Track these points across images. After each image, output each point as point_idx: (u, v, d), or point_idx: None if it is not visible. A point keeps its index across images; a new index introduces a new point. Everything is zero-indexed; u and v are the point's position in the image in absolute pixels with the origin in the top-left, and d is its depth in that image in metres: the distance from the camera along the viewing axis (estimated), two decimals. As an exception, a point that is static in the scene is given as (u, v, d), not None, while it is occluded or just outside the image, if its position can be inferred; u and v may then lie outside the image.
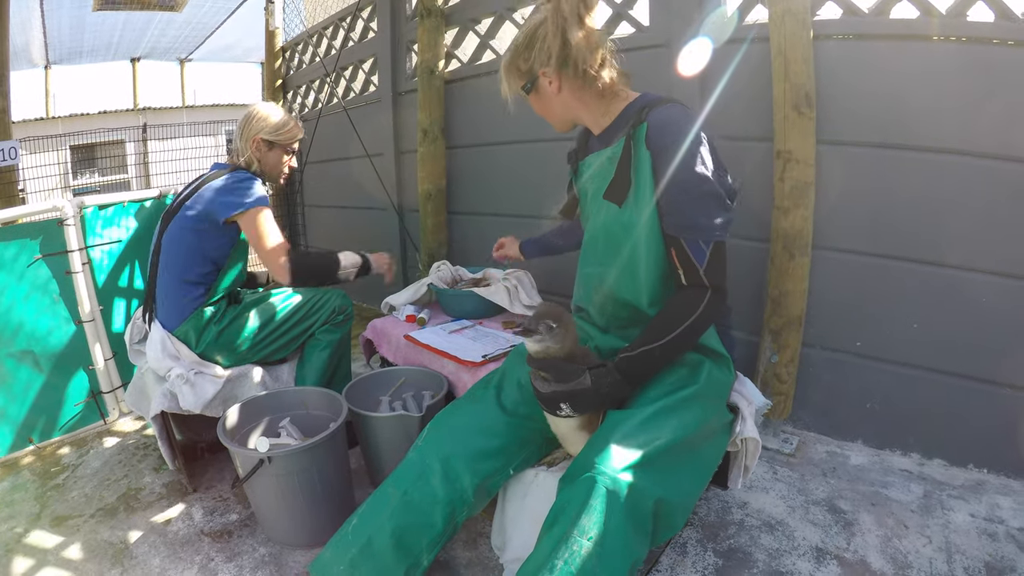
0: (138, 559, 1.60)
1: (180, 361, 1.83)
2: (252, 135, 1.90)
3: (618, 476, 1.07)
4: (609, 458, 1.09)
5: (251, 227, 1.82)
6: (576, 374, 1.18)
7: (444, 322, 2.14)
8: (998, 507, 1.68)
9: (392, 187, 3.29)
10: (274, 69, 4.48)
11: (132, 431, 2.30)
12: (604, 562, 1.03)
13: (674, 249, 1.23)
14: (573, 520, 1.05)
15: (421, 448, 1.33)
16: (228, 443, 1.55)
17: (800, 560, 1.54)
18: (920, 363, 1.88)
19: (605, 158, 1.36)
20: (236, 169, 1.87)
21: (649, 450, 1.12)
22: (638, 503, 1.08)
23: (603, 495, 1.05)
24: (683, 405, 1.22)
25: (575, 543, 1.03)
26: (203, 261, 1.83)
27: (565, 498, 1.10)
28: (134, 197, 2.32)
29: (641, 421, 1.16)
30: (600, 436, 1.17)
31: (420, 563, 1.26)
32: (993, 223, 1.72)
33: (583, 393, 1.18)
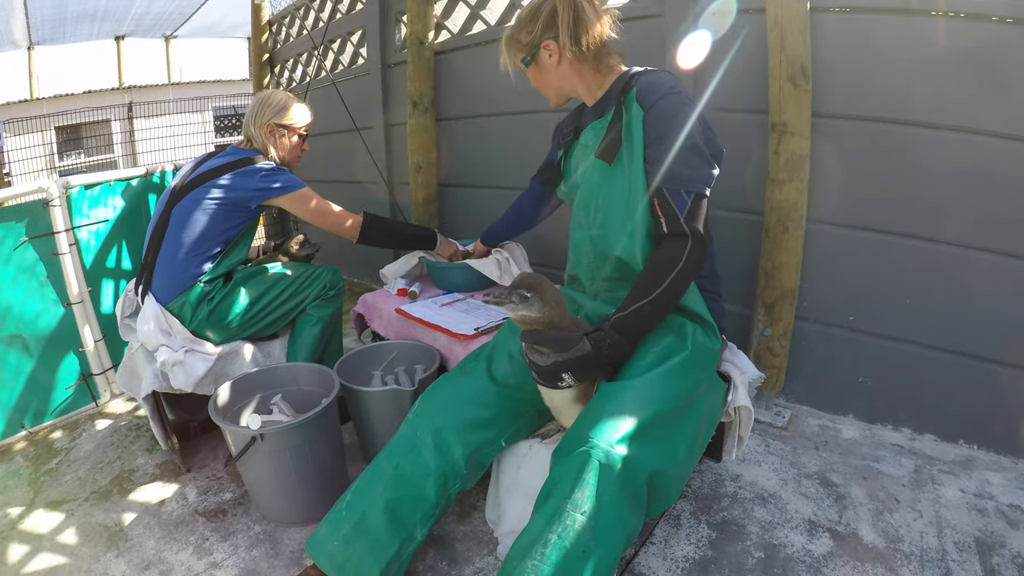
0: (133, 541, 1.57)
1: (172, 338, 1.77)
2: (265, 121, 1.88)
3: (612, 449, 1.04)
4: (602, 431, 1.06)
5: (305, 207, 1.89)
6: (574, 341, 1.14)
7: (435, 295, 2.08)
8: (988, 483, 1.67)
9: (381, 160, 3.21)
10: (260, 43, 4.35)
11: (124, 412, 2.25)
12: (598, 535, 1.00)
13: (656, 199, 1.24)
14: (567, 494, 1.02)
15: (412, 421, 1.30)
16: (220, 421, 1.50)
17: (793, 533, 1.52)
18: (912, 338, 1.86)
19: (600, 128, 1.39)
20: (256, 155, 1.86)
21: (642, 421, 1.08)
22: (632, 475, 1.05)
23: (596, 468, 1.02)
24: (674, 373, 1.18)
25: (569, 517, 1.00)
26: (215, 239, 1.80)
27: (558, 472, 1.07)
28: (120, 176, 2.24)
29: (633, 392, 1.13)
30: (592, 408, 1.13)
31: (414, 537, 1.23)
32: (988, 201, 1.69)
33: (584, 359, 1.14)
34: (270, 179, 1.81)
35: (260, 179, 1.79)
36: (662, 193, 1.23)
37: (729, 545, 1.49)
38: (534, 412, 1.37)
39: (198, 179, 1.80)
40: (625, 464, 1.03)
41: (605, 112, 1.39)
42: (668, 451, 1.12)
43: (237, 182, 1.78)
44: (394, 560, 1.22)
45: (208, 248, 1.79)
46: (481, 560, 1.46)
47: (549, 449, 1.36)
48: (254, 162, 1.83)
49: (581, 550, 0.98)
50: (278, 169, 1.84)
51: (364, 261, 3.54)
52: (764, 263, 1.96)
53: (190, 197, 1.78)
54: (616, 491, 1.02)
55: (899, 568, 1.40)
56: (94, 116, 10.69)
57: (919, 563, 1.41)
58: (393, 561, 1.21)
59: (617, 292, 1.39)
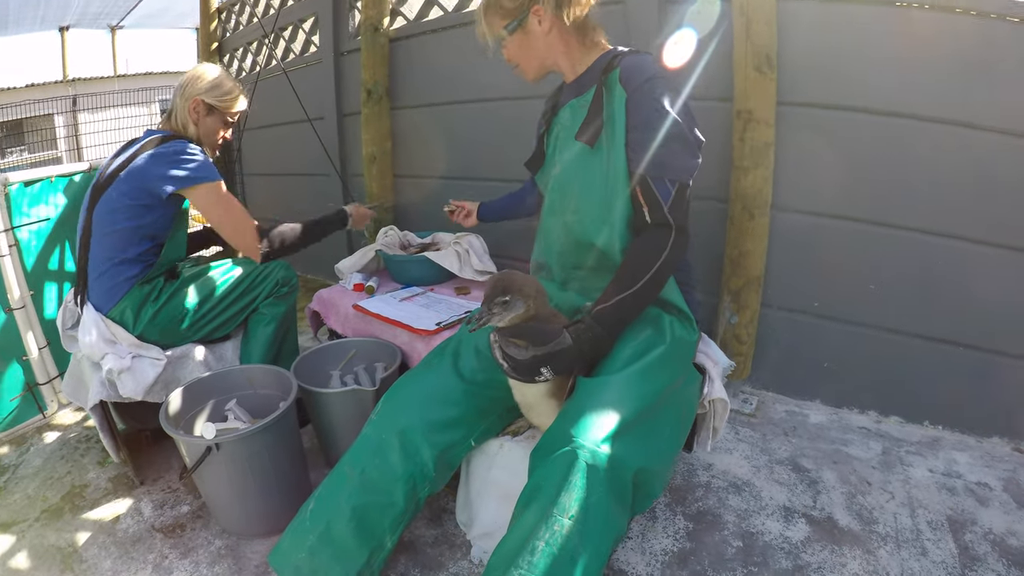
0: (88, 563, 1.43)
1: (117, 346, 1.61)
2: (193, 94, 1.68)
3: (598, 449, 0.97)
4: (586, 429, 0.98)
5: (207, 204, 1.62)
6: (554, 334, 1.06)
7: (394, 290, 1.98)
8: (955, 462, 1.68)
9: (334, 151, 3.06)
10: (209, 32, 4.11)
11: (73, 423, 2.06)
12: (587, 539, 0.92)
13: (639, 188, 1.17)
14: (552, 498, 0.94)
15: (376, 422, 1.20)
16: (172, 432, 1.36)
17: (769, 520, 1.49)
18: (877, 323, 1.85)
19: (578, 107, 1.30)
20: (171, 135, 1.64)
21: (625, 418, 1.01)
22: (619, 475, 0.98)
23: (583, 470, 0.95)
24: (654, 367, 1.11)
25: (556, 523, 0.92)
26: (140, 239, 1.61)
27: (542, 474, 0.99)
28: (62, 172, 2.04)
29: (614, 387, 1.06)
30: (573, 406, 1.05)
31: (384, 545, 1.14)
32: (950, 188, 1.69)
33: (565, 353, 1.06)
34: (181, 164, 1.57)
35: (169, 163, 1.56)
36: (646, 182, 1.16)
37: (707, 535, 1.45)
38: (503, 409, 1.29)
39: (113, 174, 1.60)
40: (611, 464, 0.97)
41: (585, 90, 1.30)
42: (652, 448, 1.06)
43: (146, 169, 1.57)
44: (364, 570, 1.12)
45: (135, 248, 1.61)
46: (455, 565, 1.37)
47: (521, 447, 1.28)
48: (167, 142, 1.61)
49: (569, 556, 0.91)
50: (192, 152, 1.60)
51: (317, 256, 3.38)
52: (730, 251, 1.92)
53: (106, 196, 1.59)
54: (604, 492, 0.95)
55: (876, 550, 1.39)
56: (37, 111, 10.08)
57: (895, 543, 1.41)
58: (363, 571, 1.12)
59: (590, 282, 1.32)
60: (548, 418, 1.18)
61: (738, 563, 1.37)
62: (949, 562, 1.34)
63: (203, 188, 1.60)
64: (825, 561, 1.36)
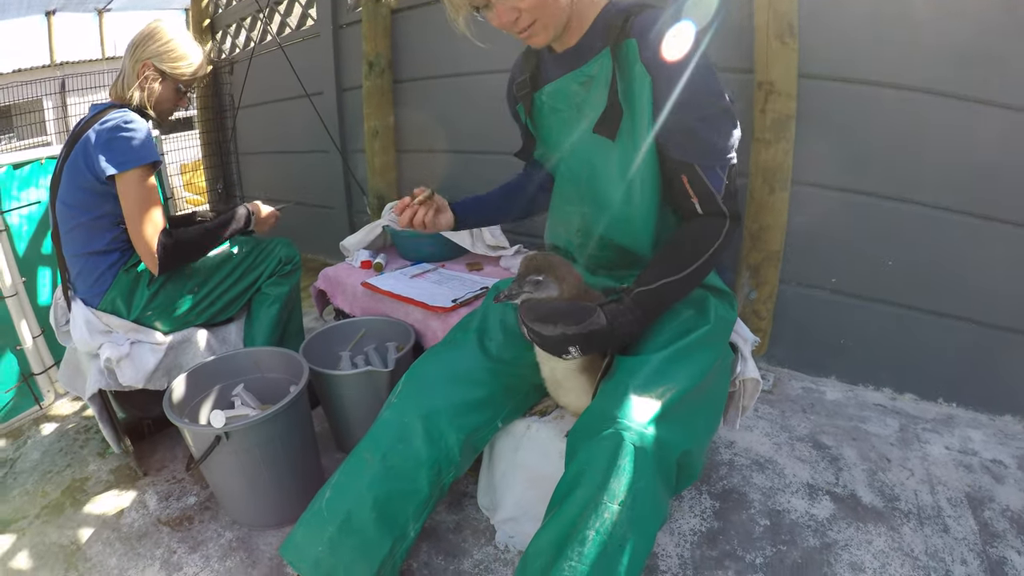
0: (93, 561, 1.33)
1: (113, 334, 1.49)
2: (143, 57, 1.46)
3: (644, 430, 0.88)
4: (631, 410, 0.90)
5: (126, 190, 1.38)
6: (587, 313, 0.97)
7: (403, 267, 1.88)
8: (970, 440, 1.63)
9: (334, 127, 2.93)
10: (201, 8, 3.91)
11: (71, 413, 1.94)
12: (636, 526, 0.85)
13: (686, 176, 1.02)
14: (600, 484, 0.86)
15: (397, 405, 1.10)
16: (178, 421, 1.26)
17: (794, 498, 1.44)
18: (893, 300, 1.79)
19: (577, 83, 1.11)
20: (113, 105, 1.45)
21: (669, 399, 0.93)
22: (665, 457, 0.90)
23: (631, 453, 0.87)
24: (695, 348, 1.03)
25: (605, 509, 0.84)
26: (108, 226, 1.45)
27: (585, 458, 0.90)
28: (52, 154, 1.90)
29: (656, 368, 0.97)
30: (615, 386, 0.96)
31: (407, 534, 1.05)
32: (968, 165, 1.61)
33: (597, 334, 0.96)
34: (115, 142, 1.36)
35: (104, 142, 1.36)
36: (693, 170, 1.02)
37: (734, 514, 1.39)
38: (529, 388, 1.20)
39: (62, 164, 1.45)
40: (659, 446, 0.89)
41: (584, 60, 1.08)
42: (694, 429, 0.98)
43: (85, 152, 1.38)
44: (387, 561, 1.03)
45: (103, 239, 1.46)
46: (480, 551, 1.30)
47: (549, 428, 1.20)
48: (106, 115, 1.39)
49: (619, 544, 0.84)
50: (129, 126, 1.37)
51: (317, 234, 3.27)
52: (750, 225, 1.84)
53: (60, 190, 1.45)
54: (652, 476, 0.88)
55: (900, 527, 1.35)
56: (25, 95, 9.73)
57: (917, 521, 1.36)
58: (386, 562, 1.03)
59: (618, 272, 1.21)
60: (577, 396, 1.10)
61: (767, 541, 1.31)
62: (971, 539, 1.30)
63: (131, 174, 1.37)
64: (852, 538, 1.32)
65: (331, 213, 3.18)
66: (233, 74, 3.66)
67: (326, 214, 3.22)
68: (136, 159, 1.36)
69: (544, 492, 1.07)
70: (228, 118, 3.80)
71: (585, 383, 1.08)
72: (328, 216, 3.20)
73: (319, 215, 3.27)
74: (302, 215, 3.38)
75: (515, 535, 1.27)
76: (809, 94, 1.74)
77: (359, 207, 3.03)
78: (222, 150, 4.00)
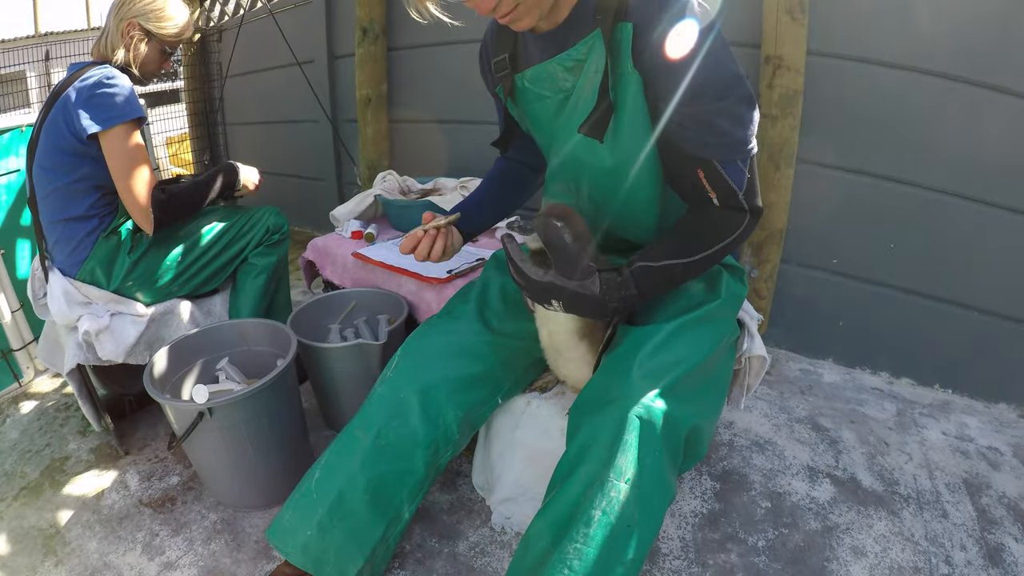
0: (72, 545, 1.24)
1: (92, 305, 1.39)
2: (128, 16, 1.37)
3: (652, 404, 0.82)
4: (637, 382, 0.83)
5: (112, 148, 1.29)
6: (585, 272, 0.87)
7: (395, 237, 1.78)
8: (966, 426, 1.60)
9: (325, 96, 2.79)
10: (184, -28, 3.74)
11: (51, 391, 1.83)
12: (643, 505, 0.79)
13: (702, 172, 0.88)
14: (605, 460, 0.79)
15: (392, 380, 1.01)
16: (159, 397, 1.16)
17: (795, 480, 1.39)
18: (894, 283, 1.74)
19: (563, 68, 0.95)
20: (95, 62, 1.35)
21: (677, 373, 0.86)
22: (673, 433, 0.84)
23: (637, 428, 0.80)
24: (705, 321, 0.96)
25: (612, 488, 0.77)
26: (85, 193, 1.35)
27: (589, 434, 0.83)
28: (32, 120, 1.71)
29: (664, 339, 0.90)
30: (620, 357, 0.89)
31: (401, 516, 0.98)
32: (973, 150, 1.55)
33: (584, 300, 0.87)
34: (97, 98, 1.27)
35: (85, 98, 1.26)
36: (712, 167, 0.87)
37: (735, 496, 1.34)
38: (530, 362, 1.13)
39: (40, 125, 1.35)
40: (666, 422, 0.82)
41: (571, 43, 0.92)
42: (702, 405, 0.92)
43: (65, 110, 1.29)
44: (380, 544, 0.96)
45: (81, 203, 1.36)
46: (475, 533, 1.23)
47: (549, 404, 1.13)
48: (83, 74, 1.30)
49: (626, 524, 0.77)
50: (112, 81, 1.28)
51: (306, 207, 3.14)
52: (753, 202, 1.76)
53: (38, 152, 1.35)
54: (659, 453, 0.81)
55: (900, 511, 1.31)
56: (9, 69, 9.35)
57: (917, 506, 1.33)
58: (379, 546, 0.96)
59: (626, 255, 1.09)
60: (578, 367, 1.03)
61: (768, 524, 1.27)
62: (969, 525, 1.27)
63: (116, 130, 1.28)
64: (853, 522, 1.28)
65: (321, 185, 3.06)
66: (222, 42, 3.49)
67: (315, 186, 3.10)
68: (120, 115, 1.27)
69: (544, 471, 1.00)
70: (216, 88, 3.64)
71: (585, 352, 1.00)
72: (318, 188, 3.08)
73: (308, 187, 3.15)
74: (291, 187, 3.25)
75: (512, 516, 1.20)
76: (817, 72, 1.66)
77: (349, 178, 2.91)
78: (209, 121, 3.83)
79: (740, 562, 1.18)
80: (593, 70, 0.90)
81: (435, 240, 1.04)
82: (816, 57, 1.65)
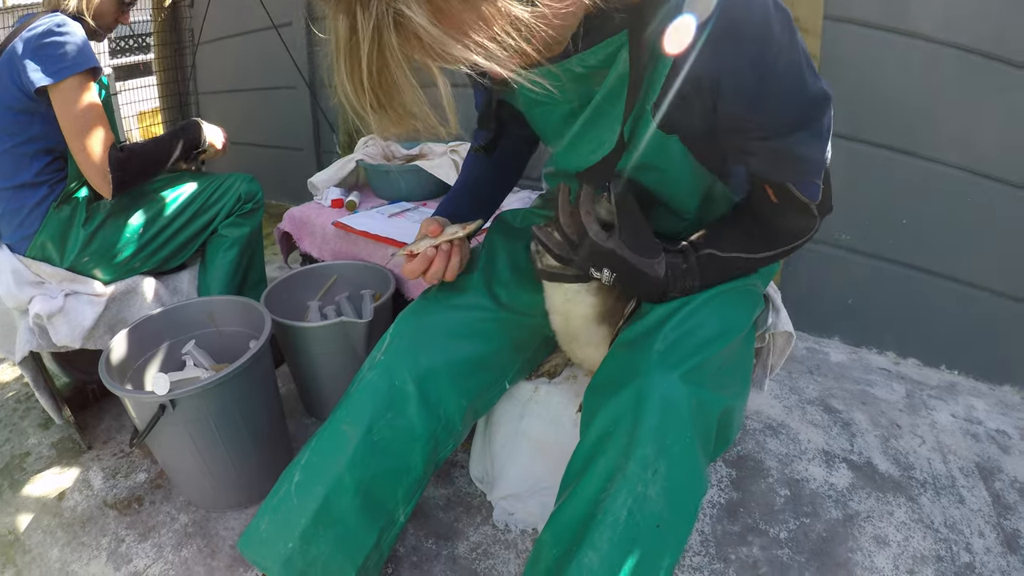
0: (33, 552, 1.09)
1: (45, 285, 1.20)
2: None
3: (680, 385, 0.67)
4: (663, 359, 0.69)
5: (64, 102, 1.11)
6: (653, 250, 0.72)
7: (378, 206, 1.60)
8: (974, 408, 1.50)
9: (303, 61, 2.56)
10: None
11: (11, 380, 1.63)
12: (673, 502, 0.65)
13: (771, 188, 0.72)
14: (626, 449, 0.65)
15: (384, 364, 0.83)
16: (114, 387, 0.98)
17: (811, 465, 1.28)
18: (904, 260, 1.62)
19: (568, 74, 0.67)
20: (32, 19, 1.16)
21: (711, 349, 0.72)
22: (704, 417, 0.69)
23: (662, 410, 0.66)
24: (736, 293, 0.81)
25: (636, 482, 0.64)
26: (32, 157, 1.17)
27: (609, 419, 0.69)
28: None
29: (692, 311, 0.75)
30: (643, 331, 0.74)
31: (396, 520, 0.82)
32: (988, 126, 1.44)
33: (645, 280, 0.72)
34: (46, 48, 1.10)
35: (33, 48, 1.09)
36: (784, 188, 0.71)
37: (752, 484, 1.22)
38: (540, 342, 0.96)
39: None
40: (698, 404, 0.68)
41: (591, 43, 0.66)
42: (733, 385, 0.78)
43: (10, 63, 1.12)
44: (372, 553, 0.80)
45: (29, 169, 1.17)
46: (476, 532, 1.08)
47: (559, 391, 0.98)
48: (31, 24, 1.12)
49: (654, 525, 0.64)
50: (62, 29, 1.11)
51: (283, 178, 2.92)
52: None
53: None
54: (689, 439, 0.67)
55: (918, 497, 1.22)
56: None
57: (934, 491, 1.23)
58: (371, 554, 0.80)
59: None
60: (596, 349, 0.87)
61: (789, 514, 1.15)
62: (985, 510, 1.19)
63: (68, 83, 1.10)
64: (873, 509, 1.18)
65: (299, 155, 2.83)
66: (193, 7, 3.22)
67: (293, 156, 2.87)
68: (72, 66, 1.09)
69: (554, 464, 0.86)
70: (188, 56, 3.37)
71: (604, 335, 0.85)
72: (295, 158, 2.86)
73: (285, 157, 2.92)
74: (267, 158, 3.02)
75: (516, 512, 1.06)
76: (832, 37, 1.52)
77: (328, 146, 2.69)
78: (180, 91, 3.55)
79: (763, 555, 1.07)
80: (614, 93, 0.68)
81: (450, 256, 0.82)
82: (833, 22, 1.51)
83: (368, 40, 0.45)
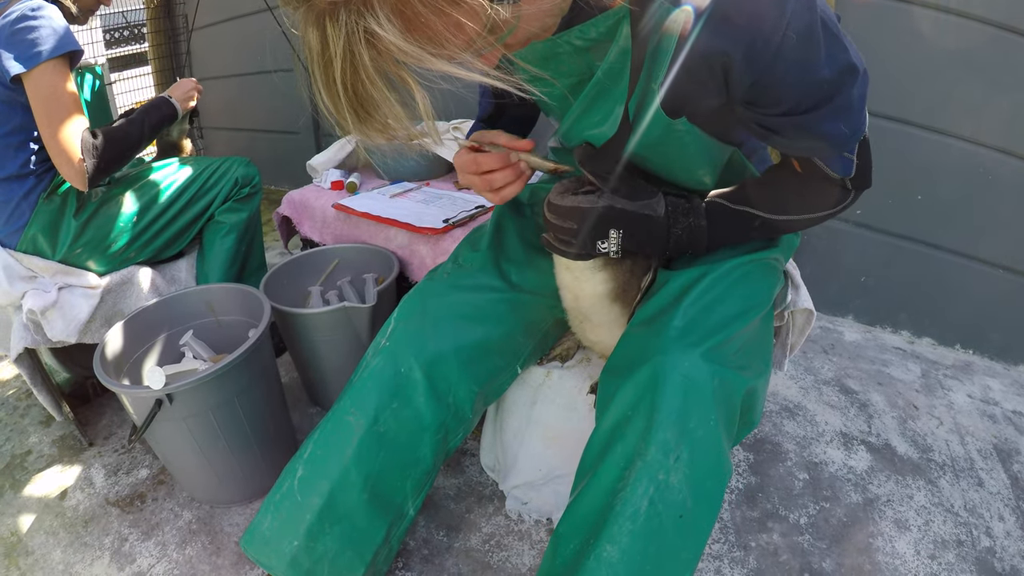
0: (36, 554, 1.04)
1: (39, 280, 1.15)
2: None
3: (702, 363, 0.62)
4: (683, 336, 0.64)
5: (37, 88, 1.04)
6: (648, 193, 0.67)
7: (380, 186, 1.53)
8: (990, 389, 1.45)
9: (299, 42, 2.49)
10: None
11: (11, 377, 1.57)
12: (696, 490, 0.60)
13: (797, 162, 0.67)
14: (646, 433, 0.60)
15: (390, 350, 0.77)
16: (109, 382, 0.93)
17: (830, 448, 1.23)
18: (920, 237, 1.56)
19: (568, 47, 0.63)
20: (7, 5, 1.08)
21: (734, 325, 0.67)
22: (727, 397, 0.64)
23: (683, 392, 0.61)
24: (758, 268, 0.75)
25: (659, 469, 0.59)
26: (17, 148, 1.11)
27: (627, 401, 0.63)
28: None
29: (712, 284, 0.69)
30: (661, 306, 0.69)
31: (405, 513, 0.77)
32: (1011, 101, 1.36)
33: (648, 222, 0.67)
34: (20, 33, 1.03)
35: (8, 35, 1.03)
36: (811, 162, 0.65)
37: (771, 468, 1.17)
38: (552, 324, 0.90)
39: None
40: (721, 385, 0.63)
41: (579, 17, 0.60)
42: (757, 363, 0.72)
43: None
44: (381, 548, 0.76)
45: (14, 160, 1.10)
46: (488, 523, 1.03)
47: (572, 375, 0.92)
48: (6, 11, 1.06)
49: (677, 515, 0.59)
50: (38, 12, 1.04)
51: (281, 163, 2.85)
52: (775, 148, 1.56)
53: None
54: (712, 421, 0.62)
55: (937, 480, 1.17)
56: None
57: (953, 473, 1.19)
58: (380, 550, 0.76)
59: None
60: (609, 330, 0.82)
61: (808, 498, 1.11)
62: (1004, 493, 1.14)
63: (41, 68, 1.03)
64: (893, 493, 1.13)
65: (297, 139, 2.76)
66: (186, -8, 3.14)
67: (291, 140, 2.80)
68: (47, 51, 1.02)
69: (568, 452, 0.81)
70: (182, 42, 3.28)
71: (618, 315, 0.79)
72: (294, 142, 2.79)
73: (284, 141, 2.84)
74: (265, 143, 2.94)
75: (529, 502, 1.00)
76: (846, 7, 1.43)
77: (326, 129, 2.61)
78: (175, 77, 3.47)
79: (783, 542, 1.02)
80: (616, 69, 0.62)
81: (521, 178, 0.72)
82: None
83: (340, 57, 0.43)
